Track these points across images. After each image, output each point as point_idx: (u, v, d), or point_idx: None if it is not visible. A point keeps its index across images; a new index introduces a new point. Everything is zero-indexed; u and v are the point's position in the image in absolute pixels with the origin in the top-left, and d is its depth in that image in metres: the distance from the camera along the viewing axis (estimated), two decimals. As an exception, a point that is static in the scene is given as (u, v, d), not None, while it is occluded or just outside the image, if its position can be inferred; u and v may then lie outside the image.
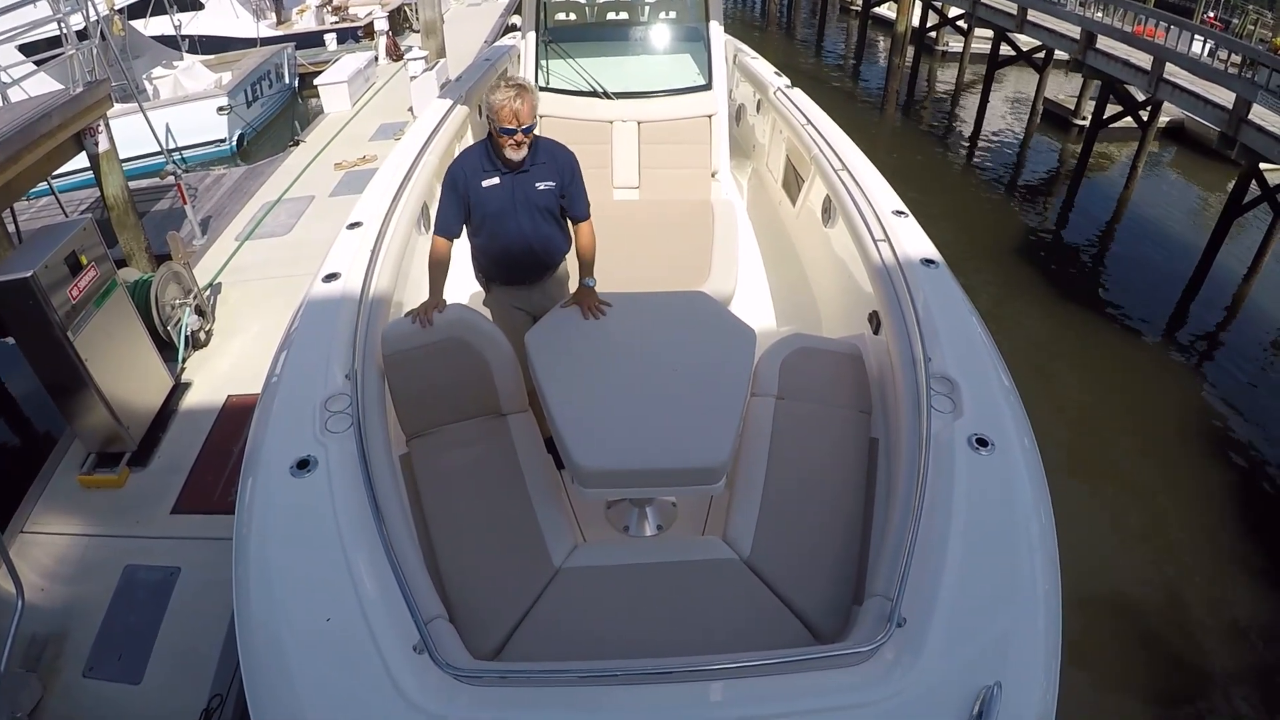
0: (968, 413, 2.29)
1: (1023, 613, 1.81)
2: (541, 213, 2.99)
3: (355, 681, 1.67)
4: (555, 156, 2.98)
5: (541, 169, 2.94)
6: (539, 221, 3.00)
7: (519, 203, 2.94)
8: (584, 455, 2.23)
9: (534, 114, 2.79)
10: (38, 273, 3.91)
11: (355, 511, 2.02)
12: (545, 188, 2.96)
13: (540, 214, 2.99)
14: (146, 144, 9.38)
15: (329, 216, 7.60)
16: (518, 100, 2.73)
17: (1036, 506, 2.06)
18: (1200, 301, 9.57)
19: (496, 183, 2.91)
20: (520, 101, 2.73)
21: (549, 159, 2.96)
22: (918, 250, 3.18)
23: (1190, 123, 13.65)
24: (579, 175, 3.03)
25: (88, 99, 5.92)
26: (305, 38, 17.19)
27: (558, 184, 2.97)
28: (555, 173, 2.96)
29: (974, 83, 16.81)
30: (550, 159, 2.96)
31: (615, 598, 2.20)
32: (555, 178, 2.96)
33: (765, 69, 5.89)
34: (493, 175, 2.92)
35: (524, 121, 2.76)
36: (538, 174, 2.94)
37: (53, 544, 4.17)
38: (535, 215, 2.98)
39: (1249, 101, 8.89)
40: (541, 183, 2.95)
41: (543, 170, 2.95)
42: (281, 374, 2.55)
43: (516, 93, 2.73)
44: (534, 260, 3.09)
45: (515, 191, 2.93)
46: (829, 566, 2.26)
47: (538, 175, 2.94)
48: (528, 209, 2.96)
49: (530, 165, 2.92)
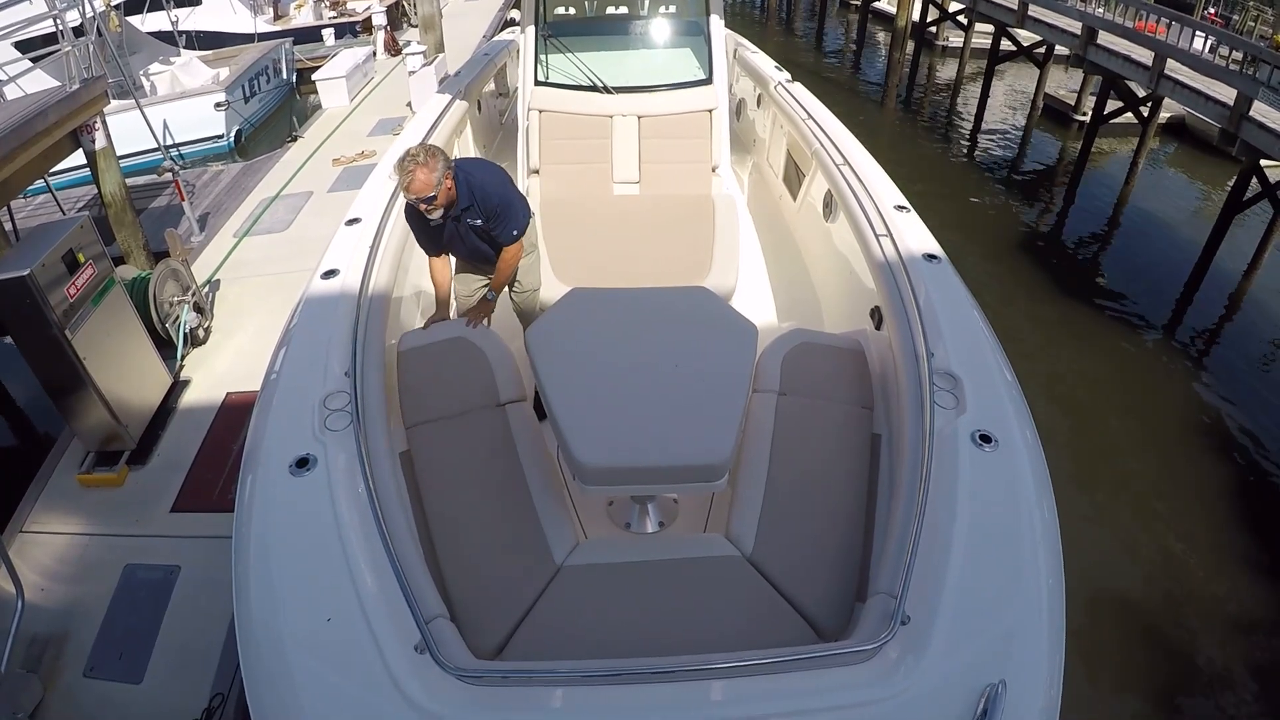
0: (971, 409, 2.29)
1: (1027, 610, 1.80)
2: (480, 236, 3.35)
3: (356, 682, 1.66)
4: (478, 198, 3.22)
5: (472, 210, 3.23)
6: (478, 244, 3.40)
7: (461, 234, 3.34)
8: (585, 452, 2.22)
9: (436, 184, 2.97)
10: (35, 271, 3.88)
11: (355, 510, 2.01)
12: (475, 224, 3.29)
13: (477, 238, 3.36)
14: (144, 140, 9.36)
15: (327, 212, 7.58)
16: (419, 172, 2.93)
17: (1040, 503, 2.05)
18: (1200, 298, 9.56)
19: (439, 220, 3.21)
20: (420, 172, 2.93)
21: (472, 201, 3.22)
22: (920, 245, 3.17)
23: (1191, 119, 13.63)
24: (500, 210, 3.26)
25: (84, 96, 5.89)
26: (303, 33, 17.12)
27: (484, 221, 3.27)
28: (480, 213, 3.24)
29: (974, 78, 16.77)
30: (473, 201, 3.21)
31: (617, 596, 2.19)
32: (481, 217, 3.25)
33: (766, 63, 5.86)
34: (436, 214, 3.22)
35: (423, 194, 2.97)
36: (470, 214, 3.25)
37: (53, 544, 4.16)
38: (472, 240, 3.37)
39: (1250, 98, 8.87)
40: (473, 220, 3.28)
41: (473, 211, 3.25)
42: (280, 371, 2.54)
43: (413, 166, 2.92)
44: (483, 263, 3.54)
45: (456, 228, 3.31)
46: (832, 563, 2.25)
47: (470, 215, 3.25)
48: (468, 238, 3.36)
49: (459, 211, 3.21)
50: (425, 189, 2.95)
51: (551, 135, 4.83)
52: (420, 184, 2.93)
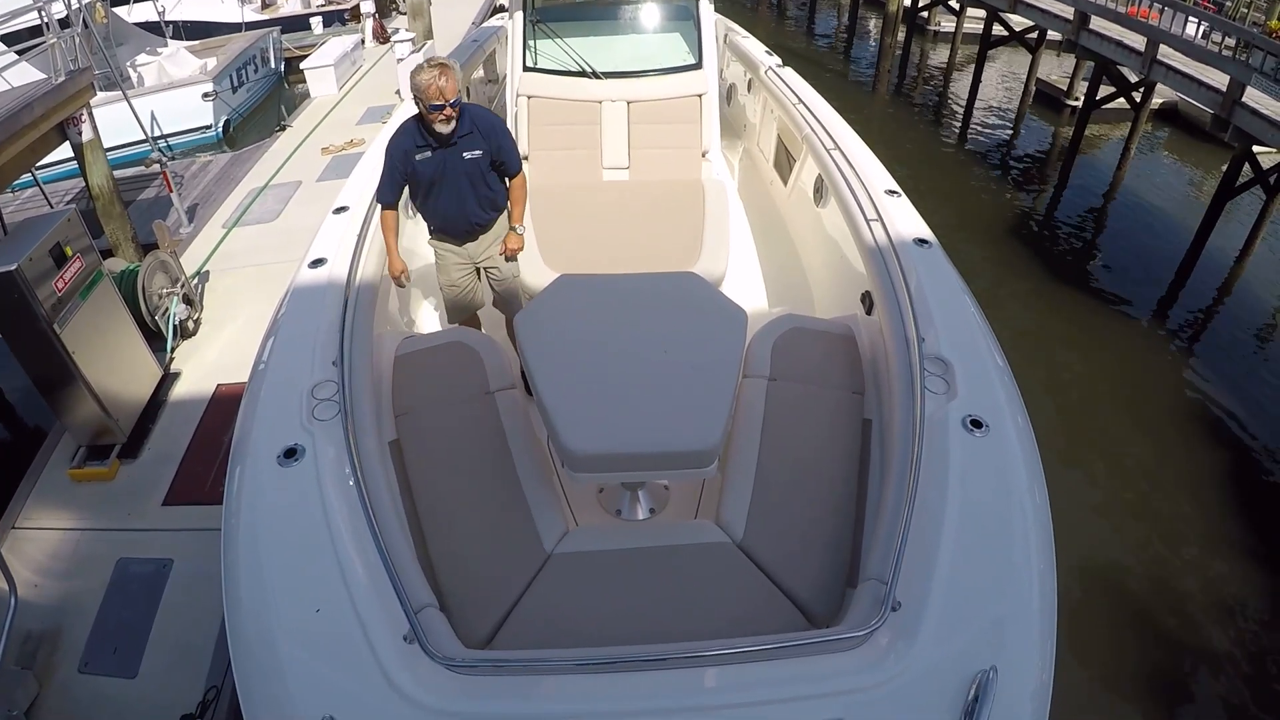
0: (962, 394, 2.29)
1: (1018, 596, 1.80)
2: (470, 179, 3.28)
3: (346, 673, 1.66)
4: (479, 124, 3.23)
5: (468, 139, 3.20)
6: (467, 188, 3.30)
7: (449, 172, 3.24)
8: (573, 439, 2.21)
9: (457, 90, 3.05)
10: (22, 265, 3.86)
11: (343, 501, 2.00)
12: (472, 157, 3.23)
13: (469, 180, 3.28)
14: (132, 132, 9.26)
15: (316, 201, 7.52)
16: (442, 78, 2.98)
17: (1031, 489, 2.05)
18: (1192, 283, 9.56)
19: (429, 155, 3.20)
20: (444, 79, 2.99)
21: (473, 128, 3.20)
22: (911, 230, 3.16)
23: (1183, 105, 13.59)
24: (505, 135, 3.32)
25: (70, 88, 5.83)
26: (291, 21, 16.95)
27: (485, 151, 3.26)
28: (482, 139, 3.24)
29: (966, 63, 16.69)
30: (475, 128, 3.21)
31: (607, 583, 2.19)
32: (482, 145, 3.24)
33: (756, 48, 5.82)
34: (425, 149, 3.20)
35: (449, 97, 3.02)
36: (465, 144, 3.21)
37: (45, 539, 4.15)
38: (464, 182, 3.28)
39: (1243, 84, 8.83)
40: (469, 152, 3.22)
41: (470, 140, 3.22)
42: (268, 362, 2.53)
43: (440, 71, 2.99)
44: (465, 221, 3.42)
45: (446, 163, 3.22)
46: (822, 549, 2.25)
47: (465, 146, 3.21)
48: (457, 178, 3.26)
49: (458, 138, 3.19)
50: (453, 92, 3.00)
51: (540, 121, 4.80)
52: (453, 86, 2.99)
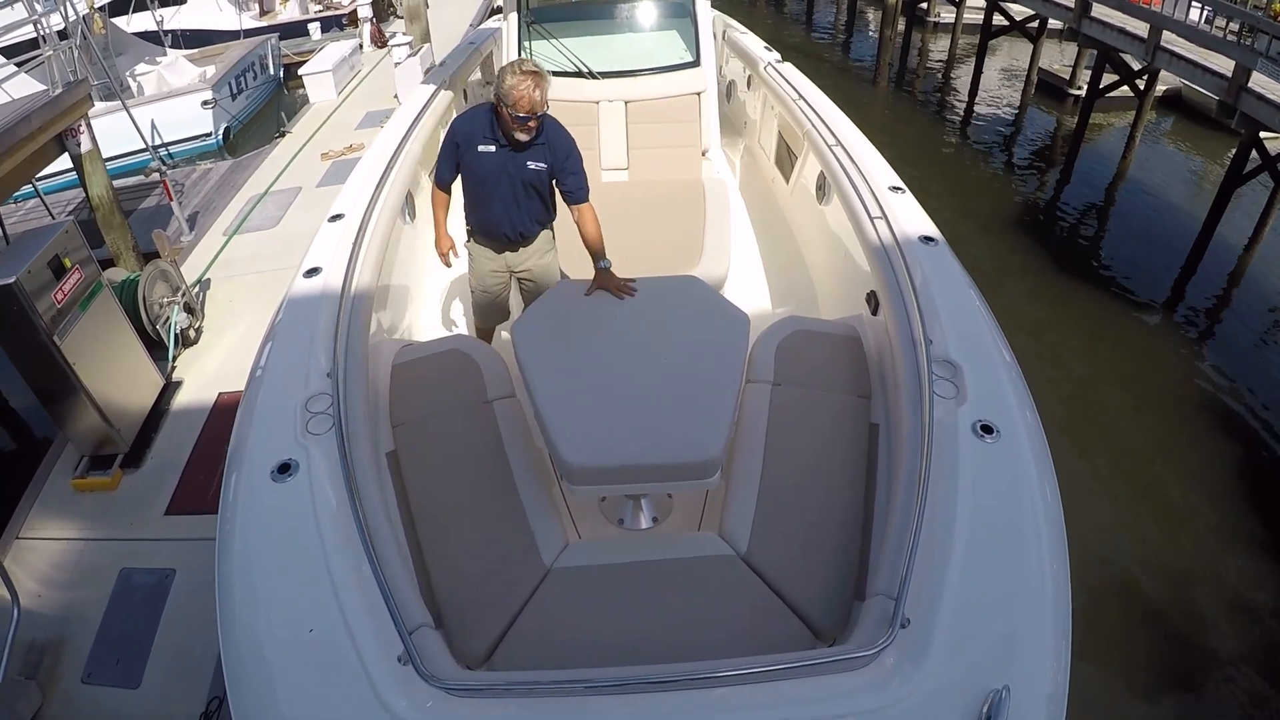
0: (971, 398, 2.22)
1: (1031, 611, 1.73)
2: (526, 188, 3.11)
3: (339, 695, 1.62)
4: (553, 139, 3.05)
5: (538, 149, 3.03)
6: (521, 197, 3.13)
7: (507, 175, 3.05)
8: (571, 452, 2.16)
9: (546, 101, 2.88)
10: (20, 279, 3.84)
11: (337, 518, 1.96)
12: (535, 168, 3.05)
13: (525, 189, 3.11)
14: (133, 141, 9.27)
15: (316, 207, 7.51)
16: (535, 90, 2.82)
17: (1044, 498, 1.97)
18: (1200, 272, 9.46)
19: (492, 150, 3.01)
20: (537, 91, 2.83)
21: (547, 140, 3.03)
22: (916, 227, 3.10)
23: (1188, 91, 13.45)
24: (575, 158, 3.10)
25: (67, 100, 5.82)
26: (289, 28, 16.99)
27: (549, 166, 3.05)
28: (549, 155, 3.04)
29: (967, 54, 16.60)
30: (548, 141, 3.04)
31: (609, 598, 2.14)
32: (548, 160, 3.05)
33: (755, 44, 5.77)
34: (490, 143, 3.02)
35: (538, 110, 2.87)
36: (533, 154, 3.03)
37: (48, 549, 4.13)
38: (519, 189, 3.10)
39: (1248, 69, 8.72)
40: (534, 163, 3.04)
41: (539, 151, 3.04)
42: (263, 373, 2.49)
43: (534, 82, 2.82)
44: (510, 230, 3.22)
45: (508, 164, 3.03)
46: (828, 561, 2.19)
47: (532, 155, 3.03)
48: (514, 183, 3.07)
49: (528, 144, 3.01)
50: (543, 105, 2.88)
51: None
52: (543, 98, 2.86)
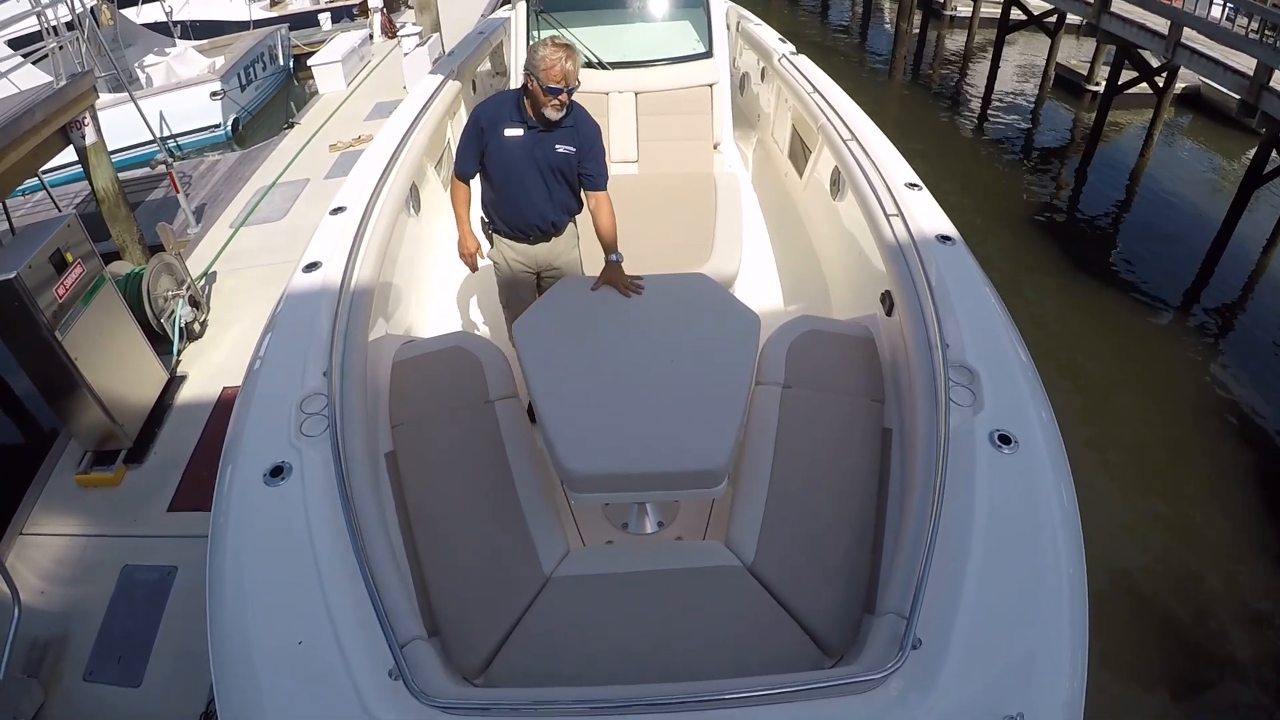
0: (989, 406, 2.13)
1: (1047, 632, 1.66)
2: (555, 174, 2.96)
3: (327, 711, 1.57)
4: (580, 123, 2.94)
5: (566, 132, 2.91)
6: (551, 182, 2.98)
7: (535, 159, 2.91)
8: (573, 459, 2.09)
9: (578, 74, 2.76)
10: (21, 273, 3.81)
11: (329, 525, 1.89)
12: (564, 151, 2.92)
13: (553, 175, 2.97)
14: (141, 133, 9.25)
15: (324, 199, 7.29)
16: (568, 61, 2.71)
17: (1063, 513, 1.89)
18: (1218, 274, 9.28)
19: (519, 134, 2.88)
20: (570, 62, 2.72)
21: (574, 124, 2.92)
22: (932, 225, 3.00)
23: (1207, 89, 13.21)
24: (599, 145, 2.99)
25: (71, 92, 5.78)
26: (299, 18, 16.97)
27: (577, 150, 2.93)
28: (577, 139, 2.92)
29: (984, 48, 16.38)
30: (575, 125, 2.93)
31: (610, 608, 2.07)
32: (576, 144, 2.92)
33: (769, 35, 5.67)
34: (517, 126, 2.89)
35: (571, 82, 2.74)
36: (561, 136, 2.90)
37: (51, 545, 4.12)
38: (548, 175, 2.96)
39: (1270, 68, 8.54)
40: (562, 145, 2.91)
41: (567, 134, 2.91)
42: (259, 371, 2.42)
43: (566, 53, 2.72)
44: (539, 220, 3.06)
45: (535, 148, 2.89)
46: (838, 573, 2.11)
47: (560, 138, 2.90)
48: (542, 168, 2.93)
49: (556, 125, 2.89)
50: (575, 78, 2.76)
51: None
52: (576, 70, 2.75)
